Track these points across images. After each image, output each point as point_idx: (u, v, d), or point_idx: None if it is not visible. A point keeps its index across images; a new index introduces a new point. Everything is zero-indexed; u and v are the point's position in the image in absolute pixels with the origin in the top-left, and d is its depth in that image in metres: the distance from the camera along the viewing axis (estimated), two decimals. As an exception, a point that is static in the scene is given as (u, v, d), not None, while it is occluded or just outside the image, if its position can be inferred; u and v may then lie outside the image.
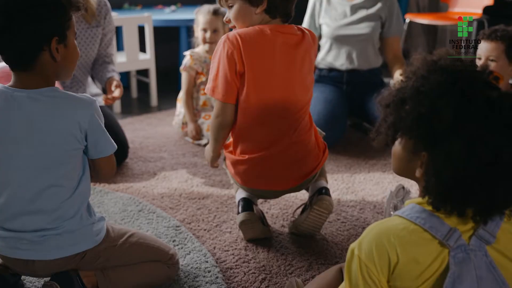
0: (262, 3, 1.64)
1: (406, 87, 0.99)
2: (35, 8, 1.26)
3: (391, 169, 2.38)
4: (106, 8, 2.41)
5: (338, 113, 2.65)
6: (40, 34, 1.28)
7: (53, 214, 1.36)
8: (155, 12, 3.73)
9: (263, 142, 1.72)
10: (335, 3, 2.80)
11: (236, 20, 1.67)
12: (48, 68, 1.32)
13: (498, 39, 2.10)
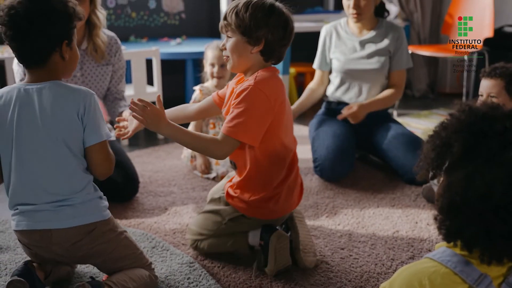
0: (259, 44, 1.70)
1: (437, 124, 1.06)
2: (50, 16, 1.50)
3: (400, 204, 2.42)
4: (116, 46, 2.45)
5: (347, 148, 2.68)
6: (55, 37, 1.52)
7: (65, 187, 1.54)
8: (161, 45, 3.78)
9: (285, 173, 1.84)
10: (345, 38, 2.85)
11: (232, 53, 1.73)
12: (58, 66, 1.56)
13: (498, 76, 2.17)
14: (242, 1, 1.71)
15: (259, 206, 1.83)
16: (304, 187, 2.58)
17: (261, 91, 1.67)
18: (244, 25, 1.67)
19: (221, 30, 1.76)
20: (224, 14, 1.74)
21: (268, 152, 1.77)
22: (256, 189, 1.81)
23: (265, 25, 1.68)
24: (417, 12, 4.52)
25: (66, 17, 1.54)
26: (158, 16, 4.18)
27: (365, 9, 2.71)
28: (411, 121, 3.78)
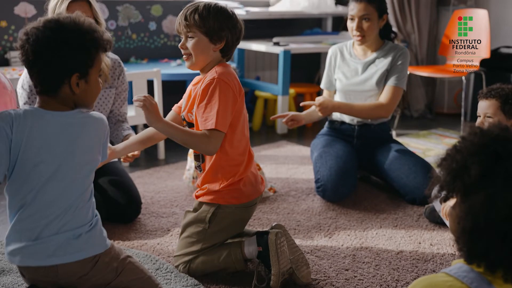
0: (220, 42, 1.86)
1: (450, 147, 1.06)
2: (59, 48, 1.44)
3: (402, 224, 2.42)
4: (120, 69, 2.46)
5: (350, 169, 2.69)
6: (62, 70, 1.46)
7: (79, 216, 1.50)
8: (161, 66, 3.80)
9: (247, 159, 1.97)
10: (348, 60, 2.87)
11: (195, 51, 1.85)
12: (68, 98, 1.50)
13: (493, 96, 2.21)
14: (200, 4, 1.84)
15: (231, 189, 1.91)
16: (306, 207, 2.61)
17: (225, 83, 1.81)
18: (208, 26, 1.82)
19: (180, 30, 1.86)
20: (182, 15, 1.85)
21: (233, 140, 1.89)
22: (224, 176, 1.90)
23: (226, 27, 1.85)
24: (414, 33, 4.57)
25: (80, 48, 1.46)
26: (158, 38, 4.21)
27: (368, 31, 2.73)
28: (410, 141, 3.80)
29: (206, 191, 1.93)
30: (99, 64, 1.53)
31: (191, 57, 1.87)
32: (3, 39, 3.54)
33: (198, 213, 1.94)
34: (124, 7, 3.98)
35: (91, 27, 1.50)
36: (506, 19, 4.43)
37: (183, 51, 1.89)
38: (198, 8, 1.83)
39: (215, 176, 1.91)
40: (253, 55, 4.55)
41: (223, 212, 1.91)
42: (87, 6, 2.26)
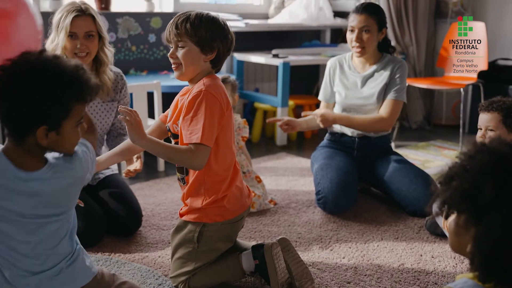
0: (212, 53, 1.82)
1: (455, 165, 1.05)
2: (25, 95, 1.27)
3: (403, 236, 2.42)
4: (122, 82, 2.46)
5: (350, 181, 2.69)
6: (26, 121, 1.29)
7: (49, 261, 1.39)
8: (161, 78, 3.81)
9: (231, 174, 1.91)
10: (347, 73, 2.88)
11: (185, 61, 1.80)
12: (35, 149, 1.34)
13: (495, 110, 2.21)
14: (192, 14, 1.80)
15: (214, 207, 1.86)
16: (307, 219, 2.61)
17: (212, 96, 1.77)
18: (200, 36, 1.78)
19: (169, 39, 1.82)
20: (172, 24, 1.81)
21: (218, 155, 1.84)
22: (207, 192, 1.85)
23: (218, 37, 1.81)
24: (412, 46, 4.60)
25: (48, 100, 1.28)
26: (157, 50, 4.22)
27: (367, 43, 2.75)
28: (409, 153, 3.81)
29: (189, 209, 1.88)
30: (78, 114, 1.35)
31: (181, 67, 1.82)
32: (3, 51, 3.54)
33: (185, 234, 1.89)
34: (124, 20, 4.00)
35: (73, 74, 1.32)
36: (503, 32, 4.47)
37: (172, 61, 1.84)
38: (189, 17, 1.79)
39: (198, 191, 1.86)
40: (252, 67, 4.56)
41: (209, 230, 1.87)
42: (90, 20, 2.26)
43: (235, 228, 1.95)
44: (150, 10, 4.16)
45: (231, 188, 1.89)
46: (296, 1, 4.45)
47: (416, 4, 4.58)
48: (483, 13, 4.49)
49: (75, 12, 2.22)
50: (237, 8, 4.62)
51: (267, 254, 1.85)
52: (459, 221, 1.06)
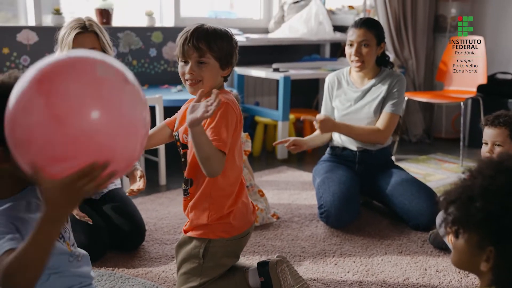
0: (228, 67, 1.82)
1: (473, 185, 1.05)
2: None
3: (407, 250, 2.41)
4: None
5: (352, 194, 2.69)
6: None
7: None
8: (162, 92, 3.82)
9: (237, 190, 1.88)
10: (345, 88, 2.89)
11: (207, 77, 1.76)
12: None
13: (502, 124, 2.22)
14: (209, 29, 1.76)
15: (220, 223, 1.83)
16: (310, 233, 2.60)
17: (231, 108, 1.75)
18: (221, 52, 1.76)
19: (188, 55, 1.74)
20: (191, 40, 1.73)
21: (225, 169, 1.78)
22: (213, 207, 1.82)
23: (234, 52, 1.82)
24: (411, 59, 4.63)
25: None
26: (158, 64, 4.23)
27: (367, 57, 2.76)
28: (410, 166, 3.81)
29: (194, 225, 1.85)
30: None
31: (200, 83, 1.77)
32: (5, 65, 3.55)
33: (190, 249, 1.86)
34: (125, 34, 4.02)
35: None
36: (501, 46, 4.50)
37: (190, 77, 1.76)
38: (209, 32, 1.75)
39: (202, 205, 1.82)
40: (252, 80, 4.58)
41: (215, 246, 1.84)
42: (94, 37, 2.25)
43: (241, 244, 1.93)
44: (151, 25, 4.18)
45: (237, 203, 1.86)
46: (296, 15, 4.48)
47: (415, 19, 4.62)
48: (481, 28, 4.53)
49: (78, 29, 2.21)
50: (237, 23, 4.64)
51: (272, 271, 1.84)
52: (471, 240, 1.06)
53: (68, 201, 1.12)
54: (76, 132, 1.07)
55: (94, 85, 1.11)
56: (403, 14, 4.55)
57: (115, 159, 1.13)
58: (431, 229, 2.53)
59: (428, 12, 4.66)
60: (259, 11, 4.90)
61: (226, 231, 1.84)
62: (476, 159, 1.14)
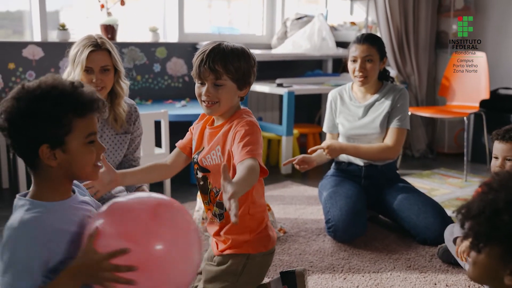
0: (246, 87, 1.78)
1: (497, 199, 1.05)
2: (21, 119, 1.28)
3: (416, 265, 2.40)
4: (136, 114, 2.43)
5: (360, 208, 2.69)
6: (26, 142, 1.29)
7: None
8: (166, 107, 3.83)
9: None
10: (348, 104, 2.90)
11: (225, 98, 1.73)
12: (52, 172, 1.32)
13: None
14: (226, 49, 1.71)
15: (261, 237, 1.82)
16: (318, 248, 2.59)
17: (256, 125, 1.74)
18: (238, 72, 1.72)
19: (204, 76, 1.71)
20: (207, 61, 1.69)
21: (258, 185, 1.79)
22: (253, 223, 1.80)
23: (252, 72, 1.78)
24: (414, 75, 4.66)
25: (44, 116, 1.27)
26: (162, 79, 4.25)
27: (370, 72, 2.77)
28: (414, 181, 3.81)
29: (234, 243, 1.80)
30: (83, 129, 1.32)
31: (217, 104, 1.73)
32: (11, 80, 3.56)
33: (227, 267, 1.80)
34: (129, 49, 4.04)
35: (63, 89, 1.31)
36: (502, 61, 4.53)
37: (206, 98, 1.73)
38: (225, 53, 1.70)
39: (243, 226, 1.78)
40: (255, 96, 4.60)
41: (253, 261, 1.81)
42: (106, 54, 2.25)
43: (271, 259, 1.89)
44: (155, 40, 4.21)
45: (267, 216, 1.87)
46: (299, 31, 4.51)
47: (417, 35, 4.66)
48: (483, 43, 4.56)
49: (91, 47, 2.21)
50: (240, 39, 4.68)
51: (299, 280, 1.85)
52: (494, 254, 1.06)
53: (90, 272, 1.24)
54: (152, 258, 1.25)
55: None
56: (405, 30, 4.58)
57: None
58: (439, 243, 2.52)
59: (429, 28, 4.70)
60: (262, 27, 4.95)
61: (265, 244, 1.83)
62: (490, 174, 1.14)
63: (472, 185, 3.80)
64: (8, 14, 3.91)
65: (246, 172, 1.57)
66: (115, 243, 1.23)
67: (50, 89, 1.30)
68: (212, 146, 1.78)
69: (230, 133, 1.73)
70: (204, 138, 1.85)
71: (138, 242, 1.23)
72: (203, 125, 1.87)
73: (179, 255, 1.29)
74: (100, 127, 2.30)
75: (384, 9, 4.49)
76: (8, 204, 3.22)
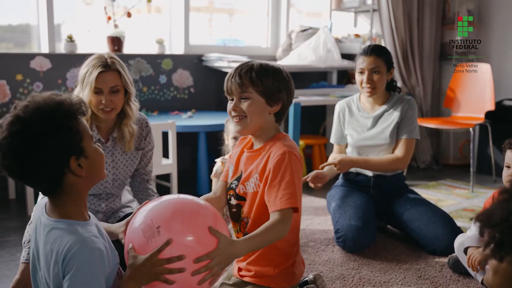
0: (277, 104, 1.73)
1: None
2: (40, 145, 1.25)
3: (426, 275, 2.39)
4: (147, 129, 2.40)
5: (369, 218, 2.68)
6: (54, 164, 1.28)
7: None
8: (172, 118, 3.84)
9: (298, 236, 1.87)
10: (357, 115, 2.91)
11: (250, 113, 1.70)
12: (78, 186, 1.34)
13: None
14: (255, 63, 1.72)
15: (285, 273, 1.78)
16: (327, 258, 2.58)
17: (296, 157, 1.69)
18: (266, 86, 1.69)
19: (231, 91, 1.72)
20: (234, 75, 1.70)
21: (297, 216, 1.75)
22: (279, 259, 1.76)
23: (284, 89, 1.73)
24: (418, 86, 4.67)
25: (60, 132, 1.27)
26: (168, 91, 4.27)
27: (378, 83, 2.79)
28: (421, 192, 3.80)
29: (254, 274, 1.78)
30: (86, 131, 1.35)
31: (245, 119, 1.71)
32: (18, 92, 3.57)
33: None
34: (136, 61, 4.07)
35: (52, 102, 1.29)
36: (507, 73, 4.54)
37: (234, 113, 1.72)
38: (253, 67, 1.70)
39: (268, 258, 1.75)
40: (261, 107, 4.61)
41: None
42: (116, 75, 2.19)
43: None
44: (161, 52, 4.24)
45: (298, 252, 1.81)
46: (304, 43, 4.53)
47: (421, 47, 4.68)
48: (488, 55, 4.59)
49: (101, 67, 2.16)
50: (245, 51, 4.70)
51: (319, 281, 1.87)
52: None
53: (147, 271, 1.38)
54: None
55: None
56: (410, 42, 4.61)
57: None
58: (448, 254, 2.51)
59: (434, 40, 4.73)
60: (266, 39, 4.97)
61: (288, 280, 1.79)
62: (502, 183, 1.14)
63: (479, 196, 3.80)
64: (10, 27, 3.93)
65: (260, 232, 1.58)
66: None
67: (46, 106, 1.28)
68: (250, 173, 1.75)
69: (268, 164, 1.69)
70: (240, 162, 1.81)
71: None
72: (242, 149, 1.84)
73: None
74: (111, 145, 2.28)
75: (389, 21, 4.51)
76: (15, 215, 3.22)
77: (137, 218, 1.48)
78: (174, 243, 1.39)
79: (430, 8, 4.66)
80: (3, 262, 2.53)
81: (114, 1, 3.96)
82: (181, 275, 1.39)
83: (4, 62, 3.52)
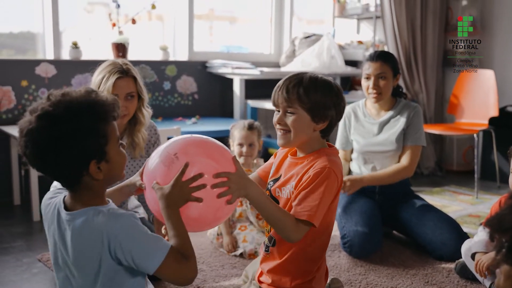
0: (324, 121, 1.66)
1: None
2: (63, 144, 1.26)
3: (433, 280, 2.38)
4: (156, 136, 2.41)
5: (375, 224, 2.68)
6: (73, 165, 1.29)
7: None
8: (177, 124, 3.84)
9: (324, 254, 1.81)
10: (363, 121, 2.91)
11: (295, 129, 1.65)
12: (94, 186, 1.35)
13: None
14: (305, 77, 1.65)
15: (302, 287, 1.74)
16: (333, 264, 2.58)
17: (335, 174, 1.62)
18: (312, 103, 1.62)
19: (277, 103, 1.67)
20: (282, 87, 1.65)
21: (320, 236, 1.71)
22: (298, 272, 1.72)
23: (333, 106, 1.66)
24: (422, 93, 4.68)
25: (85, 134, 1.27)
26: (172, 97, 4.28)
27: (384, 89, 2.79)
28: (425, 198, 3.73)
29: (272, 283, 1.76)
30: (115, 134, 1.35)
31: (289, 134, 1.65)
32: (24, 98, 3.58)
33: None
34: (140, 67, 4.08)
35: (88, 100, 1.30)
36: (510, 79, 4.55)
37: (279, 127, 1.67)
38: (302, 81, 1.63)
39: (287, 269, 1.72)
40: (264, 113, 4.62)
41: None
42: (132, 81, 2.23)
43: None
44: (165, 59, 4.25)
45: (321, 269, 1.77)
46: (308, 50, 4.55)
47: (424, 53, 4.69)
48: (491, 61, 4.60)
49: (118, 73, 2.18)
50: (248, 57, 4.72)
51: (337, 284, 1.88)
52: None
53: (177, 193, 1.41)
54: None
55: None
56: (413, 48, 4.62)
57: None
58: (455, 259, 2.51)
59: (437, 46, 4.74)
60: (270, 46, 4.99)
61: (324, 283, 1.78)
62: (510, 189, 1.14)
63: (484, 202, 3.80)
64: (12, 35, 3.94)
65: (277, 207, 1.59)
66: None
67: (78, 105, 1.29)
68: (288, 179, 1.71)
69: (307, 173, 1.64)
70: (282, 166, 1.78)
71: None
72: (286, 153, 1.80)
73: None
74: None
75: (392, 28, 4.53)
76: (20, 221, 3.22)
77: (151, 160, 1.53)
78: (194, 163, 1.44)
79: (433, 15, 4.68)
80: (9, 267, 2.52)
81: (118, 8, 3.97)
82: (206, 193, 1.43)
83: (9, 69, 3.53)
